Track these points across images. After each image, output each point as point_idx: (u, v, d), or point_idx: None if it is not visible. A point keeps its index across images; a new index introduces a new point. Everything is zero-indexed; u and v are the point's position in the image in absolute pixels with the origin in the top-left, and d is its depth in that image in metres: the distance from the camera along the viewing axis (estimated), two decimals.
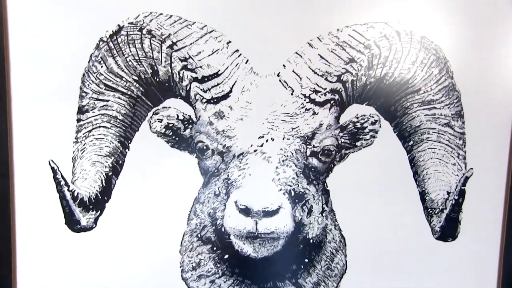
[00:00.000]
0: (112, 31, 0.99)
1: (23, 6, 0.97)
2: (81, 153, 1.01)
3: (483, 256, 1.04)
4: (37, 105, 0.98)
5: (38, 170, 0.99)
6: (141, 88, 1.03)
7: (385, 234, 1.05)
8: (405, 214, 1.04)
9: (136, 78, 1.02)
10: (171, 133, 1.01)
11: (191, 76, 0.98)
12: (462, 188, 0.92)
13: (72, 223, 0.99)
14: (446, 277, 1.05)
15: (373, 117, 1.00)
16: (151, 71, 1.00)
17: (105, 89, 1.00)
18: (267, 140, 0.94)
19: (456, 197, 0.93)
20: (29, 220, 1.02)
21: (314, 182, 0.97)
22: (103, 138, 1.01)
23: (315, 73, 0.97)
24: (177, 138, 1.02)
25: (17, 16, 0.97)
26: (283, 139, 0.93)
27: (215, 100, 0.96)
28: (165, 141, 1.02)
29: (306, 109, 0.95)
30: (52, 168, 0.93)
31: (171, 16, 0.97)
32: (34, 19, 0.97)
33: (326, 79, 0.97)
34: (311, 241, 0.96)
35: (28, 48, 0.97)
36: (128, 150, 1.04)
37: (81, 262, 1.03)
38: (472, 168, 0.95)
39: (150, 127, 1.01)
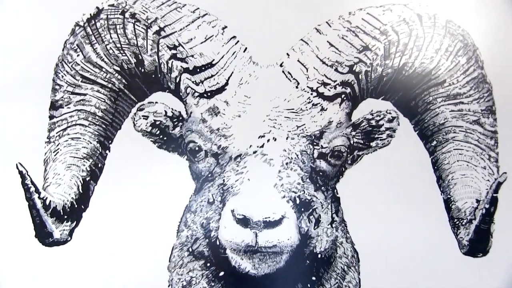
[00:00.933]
0: (90, 14, 0.98)
1: None
2: (54, 155, 1.00)
3: None
4: (3, 99, 0.98)
5: (3, 175, 0.98)
6: (123, 80, 1.02)
7: (404, 249, 1.04)
8: (428, 226, 1.03)
9: (118, 69, 1.01)
10: (158, 132, 1.01)
11: (181, 66, 0.97)
12: (494, 195, 0.89)
13: (44, 236, 0.97)
14: None
15: (390, 113, 0.99)
16: (135, 60, 1.00)
17: (82, 81, 0.99)
18: (268, 140, 0.93)
19: (487, 206, 0.90)
20: None
21: (322, 188, 0.96)
22: (79, 138, 1.00)
23: (324, 63, 0.96)
24: (165, 138, 1.02)
25: None
26: (287, 138, 0.93)
27: (209, 94, 0.96)
28: (151, 141, 1.02)
29: (313, 105, 0.95)
30: (20, 172, 0.90)
31: None
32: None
33: (336, 69, 0.96)
34: (319, 256, 0.95)
35: None
36: (109, 151, 1.03)
37: (54, 281, 1.02)
38: (505, 173, 0.91)
39: (134, 125, 1.01)
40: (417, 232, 1.06)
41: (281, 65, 0.97)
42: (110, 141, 1.03)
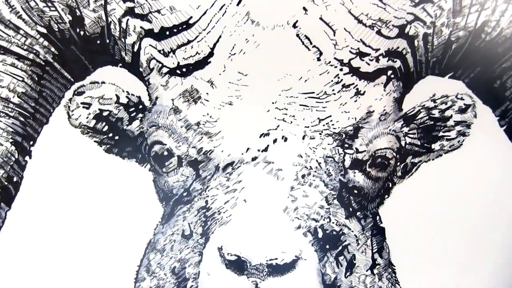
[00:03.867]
0: None
1: None
2: None
3: None
4: None
5: None
6: (52, 49, 1.00)
7: None
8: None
9: (44, 31, 0.99)
10: (106, 127, 1.02)
11: (141, 27, 0.97)
12: None
13: None
14: None
15: (462, 99, 0.99)
16: (70, 17, 0.99)
17: None
18: (275, 141, 0.94)
19: None
20: None
21: (358, 214, 0.97)
22: None
23: (360, 21, 0.95)
24: (116, 137, 1.03)
25: None
26: (304, 138, 0.94)
27: (184, 70, 0.97)
28: (95, 142, 1.03)
29: (343, 86, 0.95)
30: None
31: None
32: None
33: (379, 32, 0.95)
34: None
35: None
36: (30, 157, 1.02)
37: None
38: None
39: (70, 117, 1.02)
40: (502, 283, 1.06)
41: (294, 26, 0.95)
42: (31, 142, 1.02)
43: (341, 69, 0.95)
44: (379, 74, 0.96)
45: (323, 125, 0.95)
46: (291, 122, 0.94)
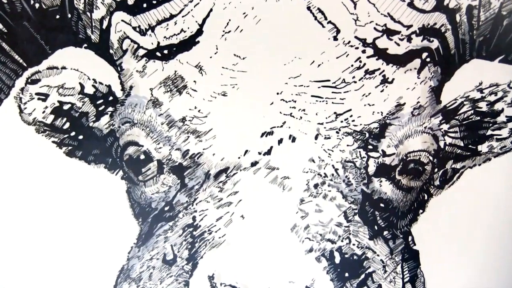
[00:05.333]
0: None
1: None
2: None
3: None
4: None
5: None
6: None
7: None
8: None
9: None
10: (67, 124, 1.02)
11: None
12: None
13: None
14: None
15: None
16: None
17: None
18: (280, 141, 0.95)
19: None
20: None
21: (385, 233, 0.98)
22: None
23: None
24: (80, 137, 1.03)
25: None
26: (316, 138, 0.95)
27: (166, 51, 0.97)
28: (54, 142, 1.03)
29: (366, 72, 0.95)
30: None
31: None
32: None
33: (411, 4, 0.95)
34: None
35: None
36: None
37: None
38: None
39: (21, 111, 1.02)
40: None
41: None
42: None
43: (363, 51, 0.95)
44: (411, 57, 0.96)
45: (341, 122, 0.95)
46: (301, 117, 0.95)
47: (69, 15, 0.99)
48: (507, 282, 1.07)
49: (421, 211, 1.03)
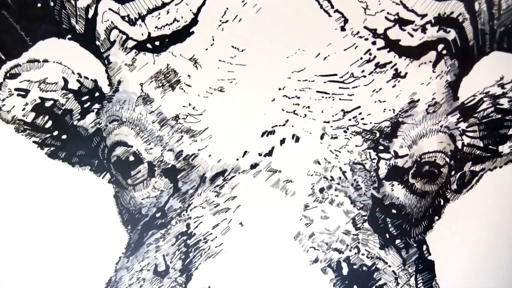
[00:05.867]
0: None
1: None
2: None
3: None
4: None
5: None
6: None
7: None
8: None
9: None
10: (49, 123, 1.02)
11: None
12: None
13: None
14: None
15: None
16: None
17: None
18: (282, 141, 0.95)
19: None
20: None
21: (397, 242, 0.98)
22: None
23: None
24: (64, 136, 1.03)
25: None
26: (322, 137, 0.95)
27: (158, 43, 0.97)
28: (35, 142, 1.03)
29: (376, 66, 0.95)
30: None
31: None
32: None
33: None
34: None
35: None
36: None
37: None
38: None
39: None
40: None
41: None
42: None
43: (373, 43, 0.95)
44: (426, 49, 0.96)
45: (349, 120, 0.95)
46: (305, 115, 0.95)
47: (52, 4, 0.99)
48: None
49: (436, 217, 1.03)
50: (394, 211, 0.97)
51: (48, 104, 1.01)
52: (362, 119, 0.95)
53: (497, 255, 1.06)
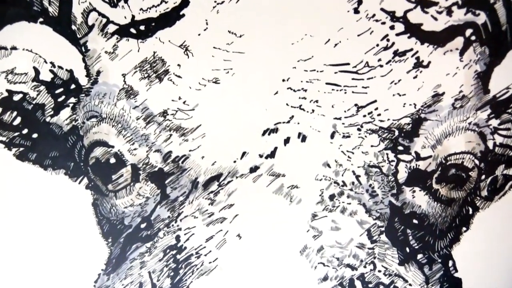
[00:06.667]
0: None
1: None
2: None
3: None
4: None
5: None
6: None
7: None
8: None
9: None
10: (18, 119, 1.02)
11: None
12: None
13: None
14: None
15: None
16: None
17: None
18: (287, 140, 0.95)
19: None
20: None
21: (419, 257, 0.98)
22: None
23: None
24: (34, 135, 1.03)
25: None
26: (333, 136, 0.95)
27: (143, 27, 0.97)
28: (1, 142, 1.04)
29: (395, 54, 0.95)
30: None
31: None
32: None
33: None
34: None
35: None
36: None
37: None
38: None
39: None
40: None
41: None
42: None
43: (391, 27, 0.95)
44: (452, 34, 0.96)
45: (364, 116, 0.95)
46: (313, 111, 0.95)
47: None
48: None
49: (464, 229, 1.02)
50: (415, 221, 0.97)
51: (16, 98, 1.00)
52: (379, 115, 0.95)
53: None
